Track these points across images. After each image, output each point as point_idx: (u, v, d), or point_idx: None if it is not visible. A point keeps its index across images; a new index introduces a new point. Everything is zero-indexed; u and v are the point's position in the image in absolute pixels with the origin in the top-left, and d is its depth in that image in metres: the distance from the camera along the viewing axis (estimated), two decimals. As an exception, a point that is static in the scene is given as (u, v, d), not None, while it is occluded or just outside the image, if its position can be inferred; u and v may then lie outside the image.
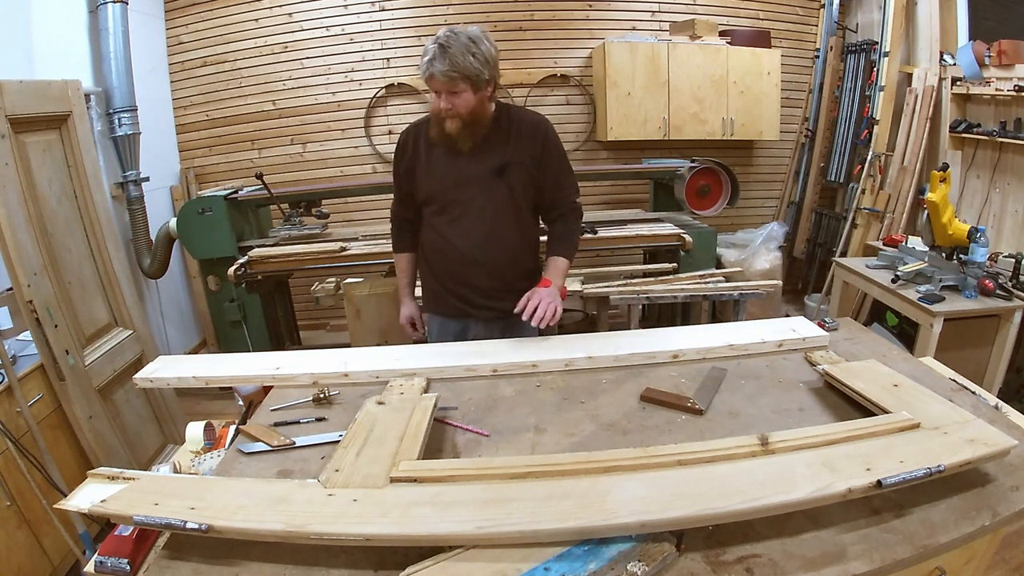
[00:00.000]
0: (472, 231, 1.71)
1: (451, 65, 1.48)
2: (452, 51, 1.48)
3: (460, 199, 1.70)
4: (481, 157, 1.66)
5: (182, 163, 4.24)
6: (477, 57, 1.51)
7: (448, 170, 1.69)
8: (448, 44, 1.48)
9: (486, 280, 1.76)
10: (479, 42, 1.52)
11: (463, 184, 1.69)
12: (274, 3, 4.09)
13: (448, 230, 1.73)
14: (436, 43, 1.49)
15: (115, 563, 1.00)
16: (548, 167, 1.72)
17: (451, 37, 1.50)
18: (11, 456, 1.93)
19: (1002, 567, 1.98)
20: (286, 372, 1.47)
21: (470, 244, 1.72)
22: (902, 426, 1.05)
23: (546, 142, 1.70)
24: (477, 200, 1.69)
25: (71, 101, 2.45)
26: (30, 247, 2.12)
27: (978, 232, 2.53)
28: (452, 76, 1.49)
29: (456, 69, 1.49)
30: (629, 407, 1.28)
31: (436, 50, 1.49)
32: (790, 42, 4.58)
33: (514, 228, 1.74)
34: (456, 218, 1.71)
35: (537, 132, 1.70)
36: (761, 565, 0.83)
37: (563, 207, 1.80)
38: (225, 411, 3.12)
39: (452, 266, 1.77)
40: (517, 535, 0.85)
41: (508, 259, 1.76)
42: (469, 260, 1.73)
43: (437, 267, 1.82)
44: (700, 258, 3.23)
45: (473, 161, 1.66)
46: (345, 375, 1.46)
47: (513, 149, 1.68)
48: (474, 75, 1.52)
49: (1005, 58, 3.19)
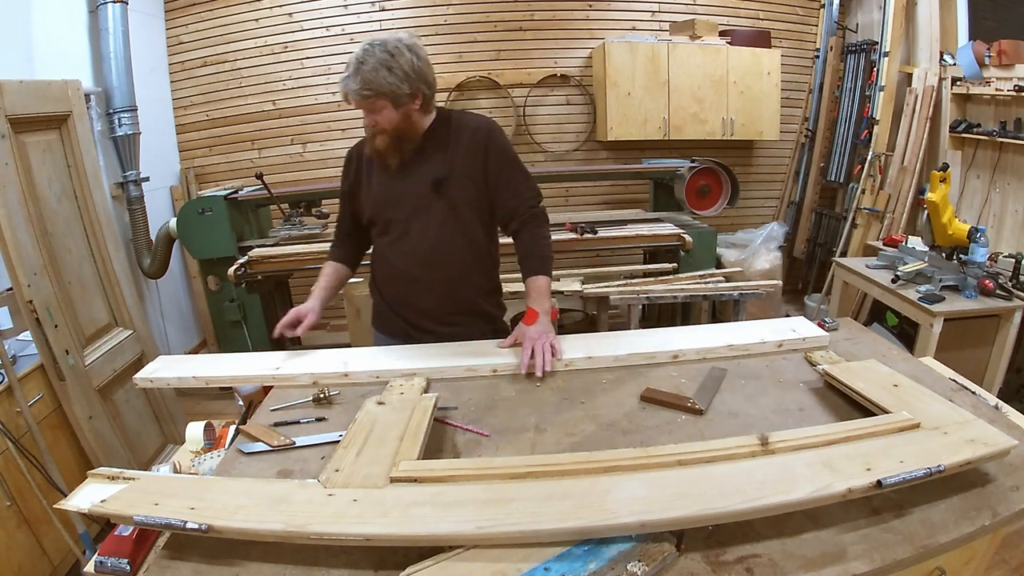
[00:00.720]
0: (413, 251, 1.60)
1: (363, 83, 1.40)
2: (365, 68, 1.39)
3: (399, 218, 1.60)
4: (417, 172, 1.56)
5: (182, 163, 4.24)
6: (395, 71, 1.41)
7: (384, 188, 1.60)
8: (363, 60, 1.40)
9: (433, 302, 1.64)
10: (398, 55, 1.41)
11: (400, 202, 1.59)
12: (274, 3, 4.09)
13: (390, 251, 1.64)
14: (356, 58, 1.41)
15: (115, 563, 1.00)
16: (495, 173, 1.58)
17: (367, 52, 1.41)
18: (11, 456, 1.94)
19: (1002, 567, 1.98)
20: (286, 372, 1.47)
21: (412, 264, 1.61)
22: (902, 426, 1.05)
23: (489, 147, 1.57)
24: (416, 218, 1.58)
25: (71, 101, 2.45)
26: (30, 247, 2.12)
27: (978, 232, 2.53)
28: (366, 94, 1.42)
29: (369, 87, 1.41)
30: (629, 407, 1.28)
31: (351, 67, 1.41)
32: (790, 42, 4.58)
33: (461, 245, 1.61)
34: (397, 238, 1.61)
35: (478, 138, 1.56)
36: (761, 565, 0.83)
37: (522, 215, 1.62)
38: (225, 411, 3.12)
39: (397, 288, 1.68)
40: (517, 535, 0.85)
41: (456, 279, 1.63)
42: (412, 281, 1.63)
43: (384, 289, 1.73)
44: (700, 258, 3.23)
45: (409, 177, 1.57)
46: (345, 375, 1.46)
47: (452, 160, 1.56)
48: (390, 91, 1.42)
49: (1005, 58, 3.19)
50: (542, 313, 1.53)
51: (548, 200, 4.77)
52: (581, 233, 3.29)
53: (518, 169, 1.63)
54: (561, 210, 4.44)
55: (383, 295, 1.74)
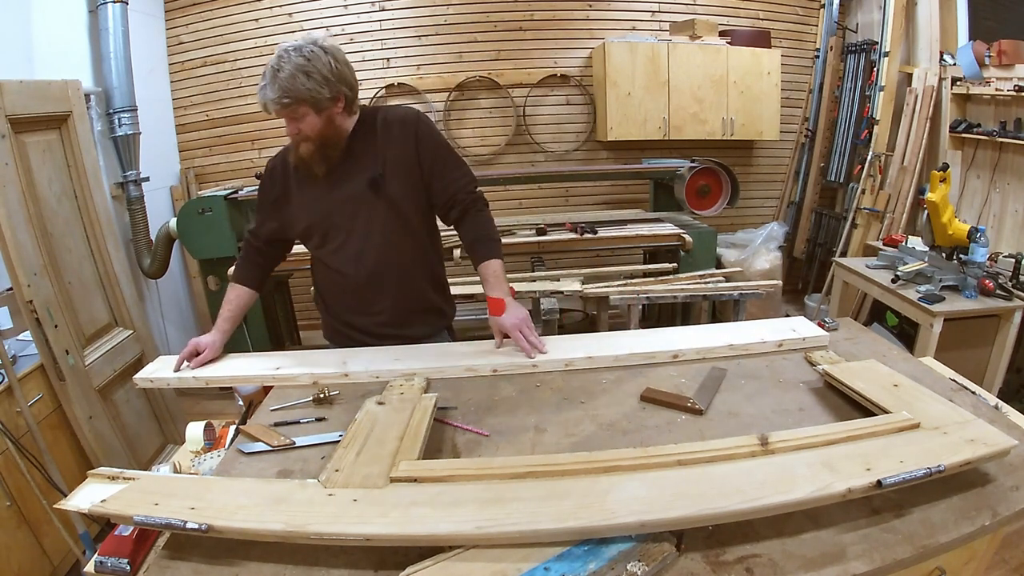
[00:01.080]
0: (361, 256, 1.56)
1: (282, 91, 1.35)
2: (282, 75, 1.34)
3: (339, 224, 1.55)
4: (351, 175, 1.52)
5: (182, 163, 4.24)
6: (312, 76, 1.36)
7: (320, 196, 1.54)
8: (279, 68, 1.34)
9: (388, 304, 1.61)
10: (314, 59, 1.36)
11: (337, 208, 1.54)
12: (274, 3, 4.09)
13: (335, 260, 1.59)
14: (272, 66, 1.36)
15: (115, 563, 1.00)
16: (429, 162, 1.55)
17: (282, 59, 1.35)
18: (11, 456, 1.94)
19: (1002, 567, 1.98)
20: (286, 372, 1.47)
21: (360, 269, 1.57)
22: (902, 426, 1.05)
23: (418, 136, 1.53)
24: (358, 221, 1.54)
25: (71, 101, 2.45)
26: (30, 247, 2.12)
27: (978, 232, 2.53)
28: (285, 103, 1.37)
29: (288, 94, 1.35)
30: (629, 407, 1.28)
31: (270, 75, 1.36)
32: (790, 42, 4.58)
33: (407, 242, 1.60)
34: (340, 246, 1.57)
35: (406, 129, 1.53)
36: (761, 565, 0.83)
37: (462, 201, 1.58)
38: (225, 411, 3.12)
39: (349, 298, 1.63)
40: (517, 535, 0.85)
41: (407, 277, 1.62)
42: (365, 287, 1.59)
43: (334, 303, 1.68)
44: (700, 258, 3.23)
45: (342, 181, 1.52)
46: (345, 375, 1.46)
47: (383, 157, 1.52)
48: (310, 97, 1.37)
49: (1005, 58, 3.19)
50: (507, 299, 1.51)
51: (548, 200, 4.79)
52: (581, 233, 3.29)
53: (451, 155, 1.60)
54: (561, 210, 4.44)
55: (332, 307, 1.69)
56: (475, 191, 1.61)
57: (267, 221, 1.65)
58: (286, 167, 1.58)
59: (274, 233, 1.66)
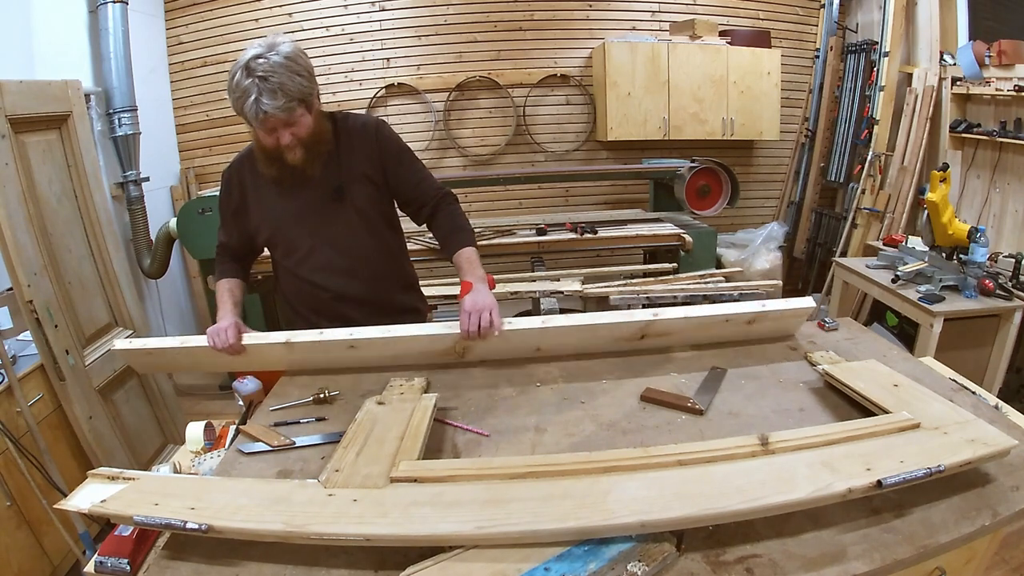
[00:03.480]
0: (329, 265, 1.55)
1: (285, 95, 1.30)
2: (277, 80, 1.29)
3: (304, 235, 1.53)
4: (315, 184, 1.49)
5: (182, 163, 4.24)
6: (300, 75, 1.34)
7: (283, 206, 1.51)
8: (268, 74, 1.28)
9: (357, 311, 1.59)
10: (296, 57, 1.34)
11: (302, 218, 1.52)
12: (274, 3, 4.09)
13: (303, 270, 1.57)
14: (251, 77, 1.28)
15: (115, 563, 1.00)
16: (394, 168, 1.55)
17: (267, 64, 1.29)
18: (11, 456, 1.94)
19: (1002, 567, 1.98)
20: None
21: (329, 279, 1.56)
22: (902, 426, 1.05)
23: (380, 143, 1.53)
24: (323, 232, 1.53)
25: (71, 101, 2.45)
26: (30, 247, 2.12)
27: (978, 232, 2.53)
28: (289, 107, 1.32)
29: (291, 97, 1.31)
30: (629, 407, 1.28)
31: (259, 85, 1.28)
32: (790, 42, 4.58)
33: (373, 248, 1.58)
34: (306, 255, 1.55)
35: (367, 136, 1.53)
36: (761, 565, 0.83)
37: (432, 199, 1.60)
38: (225, 411, 3.13)
39: (319, 306, 1.61)
40: (517, 535, 0.85)
41: (375, 283, 1.61)
42: (335, 295, 1.58)
43: (304, 310, 1.64)
44: (700, 258, 3.23)
45: (307, 191, 1.49)
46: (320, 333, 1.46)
47: (347, 164, 1.51)
48: (306, 95, 1.36)
49: (1005, 58, 3.19)
50: (476, 281, 1.46)
51: (548, 200, 4.79)
52: (581, 233, 3.29)
53: (413, 159, 1.61)
54: (561, 210, 4.44)
55: (304, 316, 1.65)
56: (442, 189, 1.62)
57: (232, 232, 1.63)
58: (242, 177, 1.55)
59: (243, 243, 1.64)
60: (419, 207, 1.61)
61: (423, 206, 1.61)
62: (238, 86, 1.30)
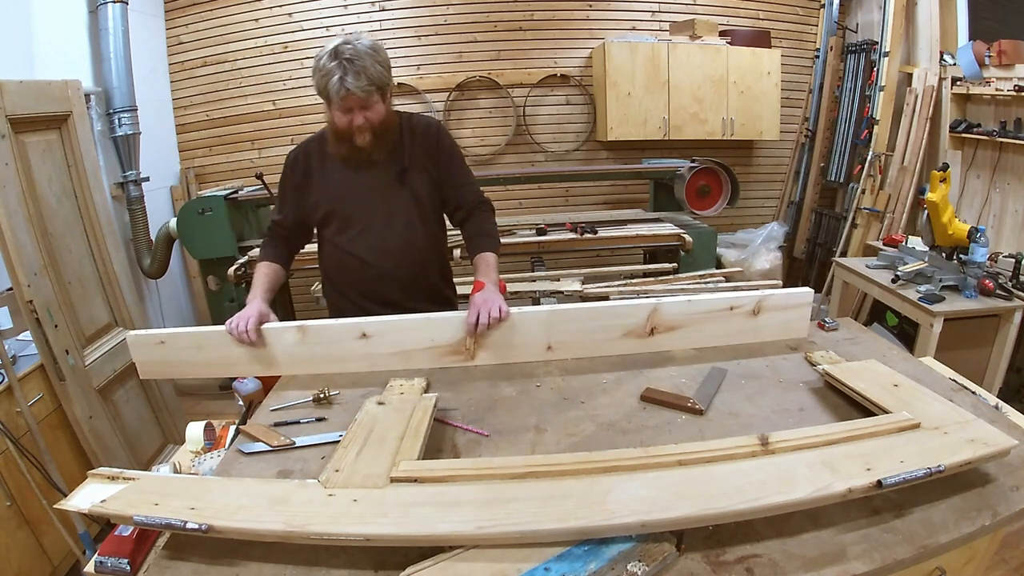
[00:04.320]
0: (380, 243, 1.65)
1: (368, 79, 1.43)
2: (361, 64, 1.42)
3: (363, 211, 1.64)
4: (380, 166, 1.62)
5: (182, 163, 4.24)
6: (382, 64, 1.47)
7: (347, 183, 1.63)
8: (354, 57, 1.42)
9: (398, 292, 1.69)
10: (378, 49, 1.47)
11: (364, 195, 1.63)
12: (274, 3, 4.09)
13: (355, 246, 1.66)
14: (338, 59, 1.42)
15: (115, 563, 1.00)
16: (446, 168, 1.69)
17: (353, 50, 1.42)
18: (11, 456, 1.94)
19: (1002, 567, 1.98)
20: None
21: (379, 256, 1.65)
22: (902, 426, 1.05)
23: (440, 142, 1.68)
24: (381, 210, 1.64)
25: (71, 101, 2.45)
26: (30, 247, 2.12)
27: (978, 232, 2.53)
28: (369, 90, 1.44)
29: (372, 81, 1.44)
30: (629, 407, 1.28)
31: (344, 66, 1.41)
32: (790, 42, 4.58)
33: (422, 235, 1.69)
34: (361, 232, 1.65)
35: (430, 133, 1.68)
36: (761, 565, 0.83)
37: (470, 203, 1.73)
38: (225, 411, 3.13)
39: (362, 282, 1.69)
40: (517, 535, 0.85)
41: (419, 267, 1.71)
42: (380, 273, 1.66)
43: (344, 285, 1.73)
44: (700, 258, 3.23)
45: (373, 171, 1.62)
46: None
47: (410, 154, 1.64)
48: (384, 83, 1.49)
49: (1005, 58, 3.19)
50: (489, 283, 1.57)
51: (548, 200, 4.78)
52: (581, 233, 3.29)
53: (464, 164, 1.76)
54: (561, 210, 4.44)
55: (342, 291, 1.74)
56: (482, 196, 1.77)
57: (290, 209, 1.72)
58: (308, 156, 1.66)
59: (297, 221, 1.73)
60: (457, 208, 1.74)
61: (460, 208, 1.74)
62: (324, 67, 1.43)
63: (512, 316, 1.49)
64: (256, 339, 1.46)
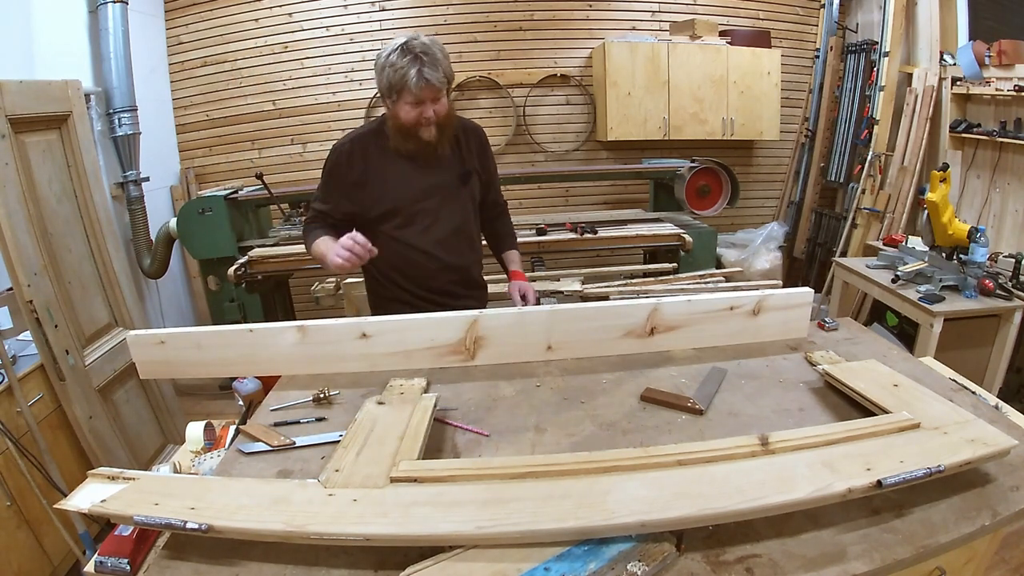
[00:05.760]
0: (444, 239, 1.73)
1: (443, 71, 1.50)
2: (434, 57, 1.48)
3: (429, 208, 1.70)
4: (446, 165, 1.70)
5: (182, 163, 4.24)
6: (448, 60, 1.54)
7: (413, 181, 1.67)
8: (427, 51, 1.47)
9: (459, 285, 1.81)
10: (441, 46, 1.54)
11: (431, 193, 1.69)
12: (274, 3, 4.09)
13: (420, 240, 1.71)
14: (412, 53, 1.46)
15: (115, 563, 1.00)
16: (490, 172, 1.83)
17: (423, 45, 1.48)
18: (11, 456, 1.94)
19: (1002, 567, 1.98)
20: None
21: (440, 249, 1.73)
22: (902, 426, 1.05)
23: (484, 145, 1.80)
24: (444, 208, 1.72)
25: (71, 101, 2.45)
26: (30, 247, 2.12)
27: (978, 232, 2.53)
28: (443, 81, 1.51)
29: (446, 75, 1.51)
30: (629, 407, 1.28)
31: (421, 59, 1.46)
32: (790, 42, 4.58)
33: (472, 230, 1.83)
34: (427, 227, 1.71)
35: (480, 137, 1.78)
36: (761, 565, 0.83)
37: (498, 207, 1.94)
38: (225, 411, 3.13)
39: (424, 275, 1.75)
40: (517, 535, 0.85)
41: (469, 259, 1.84)
42: (443, 266, 1.75)
43: (402, 276, 1.76)
44: (700, 258, 3.23)
45: (439, 170, 1.69)
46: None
47: (467, 156, 1.74)
48: (451, 77, 1.56)
49: (1005, 58, 3.19)
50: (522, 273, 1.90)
51: (548, 200, 4.79)
52: (581, 233, 3.29)
53: (497, 170, 1.90)
54: (561, 210, 4.44)
55: (402, 285, 1.77)
56: (505, 200, 1.98)
57: (341, 203, 1.71)
58: (366, 152, 1.67)
59: (348, 214, 1.72)
60: (489, 209, 1.90)
61: (491, 209, 1.91)
62: (396, 62, 1.47)
63: (512, 316, 1.50)
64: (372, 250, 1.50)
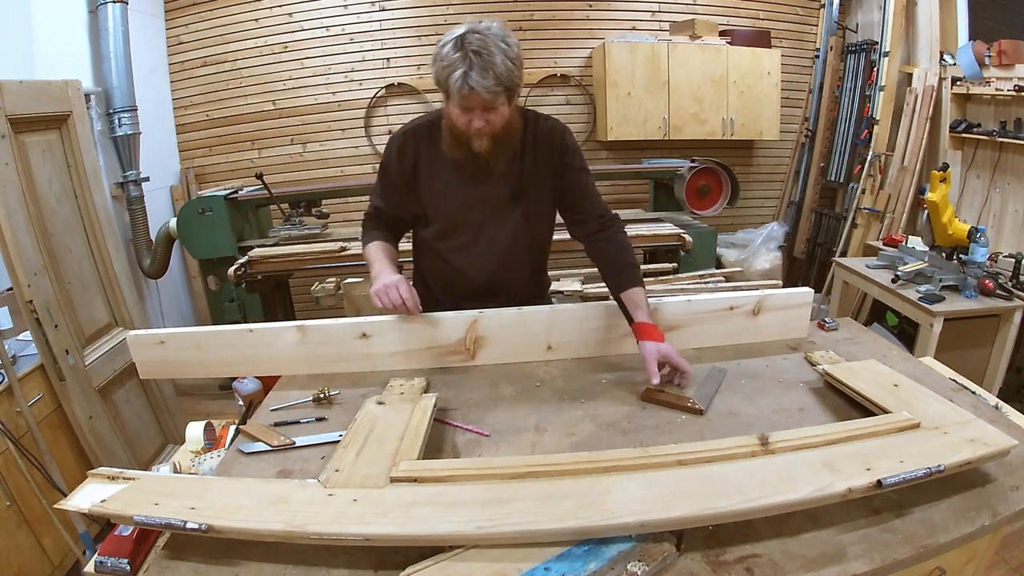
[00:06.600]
0: (485, 259, 1.54)
1: (495, 78, 1.22)
2: (489, 59, 1.21)
3: (471, 223, 1.50)
4: (496, 179, 1.45)
5: (182, 163, 4.24)
6: (514, 62, 1.25)
7: (458, 190, 1.47)
8: (482, 50, 1.21)
9: (497, 298, 1.57)
10: (510, 43, 1.25)
11: (474, 207, 1.49)
12: (274, 3, 4.09)
13: (456, 257, 1.55)
14: (465, 50, 1.21)
15: (115, 563, 1.00)
16: (571, 176, 1.51)
17: (482, 41, 1.22)
18: (11, 456, 1.94)
19: (1002, 567, 1.98)
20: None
21: (479, 272, 1.55)
22: (902, 426, 1.05)
23: (564, 152, 1.49)
24: (489, 226, 1.51)
25: (71, 101, 2.45)
26: (30, 247, 2.12)
27: (978, 232, 2.53)
28: (495, 91, 1.23)
29: (500, 82, 1.23)
30: (629, 407, 1.28)
31: (471, 59, 1.21)
32: (790, 42, 4.58)
33: (527, 252, 1.58)
34: (466, 244, 1.53)
35: (553, 141, 1.48)
36: (761, 565, 0.83)
37: (599, 216, 1.53)
38: (225, 411, 3.13)
39: (461, 294, 1.58)
40: (517, 535, 0.85)
41: (522, 284, 1.62)
42: (482, 289, 1.56)
43: (443, 294, 1.62)
44: (700, 258, 3.23)
45: (488, 182, 1.45)
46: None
47: (531, 168, 1.47)
48: (514, 85, 1.27)
49: (1005, 58, 3.19)
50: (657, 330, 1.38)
51: (548, 200, 4.69)
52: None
53: (588, 171, 1.55)
54: (561, 210, 4.43)
55: (440, 300, 1.62)
56: (611, 211, 1.56)
57: (392, 199, 1.56)
58: (418, 147, 1.47)
59: (399, 214, 1.59)
60: (582, 221, 1.54)
61: (587, 221, 1.54)
62: (446, 57, 1.23)
63: (512, 316, 1.48)
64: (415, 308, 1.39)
